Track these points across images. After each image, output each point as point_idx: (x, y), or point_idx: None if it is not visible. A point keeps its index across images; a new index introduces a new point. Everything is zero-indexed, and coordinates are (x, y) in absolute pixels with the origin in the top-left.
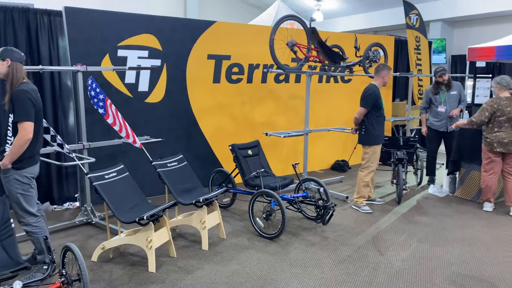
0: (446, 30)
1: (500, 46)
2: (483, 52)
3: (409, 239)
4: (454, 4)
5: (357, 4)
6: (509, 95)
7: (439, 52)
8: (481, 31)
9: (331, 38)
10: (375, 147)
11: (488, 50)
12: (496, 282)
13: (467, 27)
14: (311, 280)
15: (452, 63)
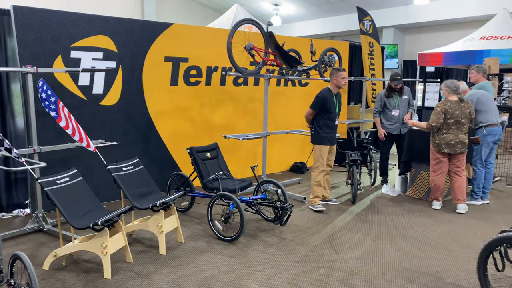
0: (398, 36)
1: (447, 52)
2: (432, 57)
3: (363, 238)
4: (405, 11)
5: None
6: (457, 99)
7: (391, 57)
8: (431, 38)
9: (288, 42)
10: (321, 147)
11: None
12: (443, 276)
13: (418, 33)
14: (269, 281)
15: (404, 68)
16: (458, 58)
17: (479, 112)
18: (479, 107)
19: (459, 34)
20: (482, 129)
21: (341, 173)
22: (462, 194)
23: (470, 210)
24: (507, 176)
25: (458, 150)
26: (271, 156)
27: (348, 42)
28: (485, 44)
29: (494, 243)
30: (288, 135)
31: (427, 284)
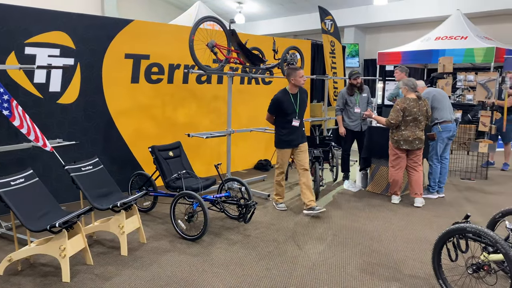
0: (359, 35)
1: (405, 52)
2: (391, 56)
3: (325, 233)
4: (366, 11)
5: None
6: (415, 96)
7: (352, 56)
8: (390, 37)
9: (251, 40)
10: (281, 151)
11: (395, 55)
12: (401, 268)
13: (378, 33)
14: (233, 278)
15: (364, 66)
16: (416, 57)
17: (435, 109)
18: (435, 104)
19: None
20: (437, 126)
21: None
22: (419, 188)
23: (427, 204)
24: (461, 171)
25: (415, 146)
26: (235, 154)
27: (311, 41)
28: (440, 44)
29: (447, 234)
30: (253, 133)
31: (385, 276)
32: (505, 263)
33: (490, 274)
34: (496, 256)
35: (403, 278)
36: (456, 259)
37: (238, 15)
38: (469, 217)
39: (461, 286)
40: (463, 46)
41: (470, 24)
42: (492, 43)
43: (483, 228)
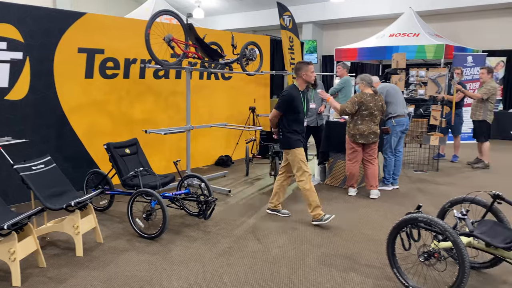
0: (317, 32)
1: (361, 48)
2: (348, 53)
3: (285, 226)
4: (323, 8)
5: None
6: (372, 92)
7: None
8: (347, 34)
9: (209, 35)
10: (297, 150)
11: (351, 51)
12: (357, 259)
13: (335, 29)
14: (192, 275)
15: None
16: (371, 54)
17: (389, 104)
18: (389, 99)
19: (372, 31)
20: (391, 120)
21: (266, 164)
22: (375, 180)
23: (382, 195)
24: (414, 163)
25: (371, 140)
26: (195, 150)
27: (270, 36)
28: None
29: (400, 224)
30: (213, 128)
31: (343, 266)
32: (453, 250)
33: (440, 261)
34: (446, 244)
35: (359, 268)
36: (409, 248)
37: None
38: (421, 207)
39: (414, 274)
40: (415, 43)
41: (422, 22)
42: (442, 40)
43: (434, 218)
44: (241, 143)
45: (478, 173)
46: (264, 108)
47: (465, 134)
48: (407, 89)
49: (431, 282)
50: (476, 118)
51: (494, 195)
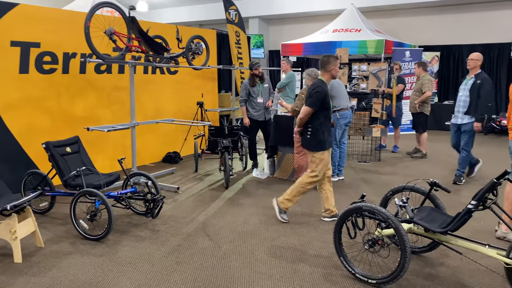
0: (263, 26)
1: (306, 43)
2: (294, 48)
3: (235, 221)
4: (269, 3)
5: None
6: None
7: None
8: (293, 29)
9: (153, 28)
10: (324, 153)
11: (297, 46)
12: (306, 249)
13: (281, 24)
14: (141, 275)
15: (269, 57)
16: (316, 49)
17: (333, 98)
18: (333, 93)
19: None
20: (335, 113)
21: (215, 160)
22: None
23: None
24: (357, 154)
25: None
26: (141, 147)
27: (216, 30)
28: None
29: (346, 214)
30: (160, 125)
31: (293, 258)
32: (395, 237)
33: (384, 248)
34: (388, 231)
35: (308, 258)
36: (355, 237)
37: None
38: (365, 197)
39: (360, 261)
40: (357, 39)
41: (363, 18)
42: (382, 36)
43: (377, 206)
44: (190, 139)
45: (417, 162)
46: (213, 103)
47: (404, 126)
48: (350, 83)
49: (376, 268)
50: (414, 111)
51: (431, 183)
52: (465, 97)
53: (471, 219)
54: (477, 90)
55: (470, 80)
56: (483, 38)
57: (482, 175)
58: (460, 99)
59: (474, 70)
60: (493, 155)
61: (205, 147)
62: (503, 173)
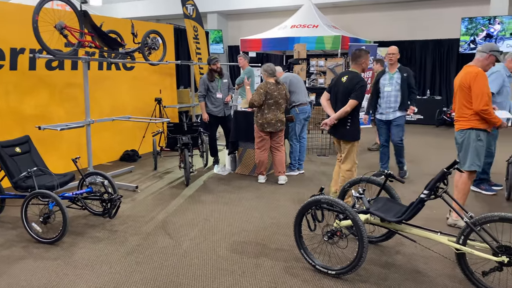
0: (221, 22)
1: (265, 39)
2: (253, 43)
3: (196, 218)
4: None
5: None
6: (274, 81)
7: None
8: (251, 25)
9: (107, 23)
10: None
11: (256, 41)
12: (267, 244)
13: (240, 20)
14: (99, 278)
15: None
16: (275, 44)
17: (292, 93)
18: (292, 88)
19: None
20: (295, 108)
21: (175, 157)
22: (282, 167)
23: (290, 180)
24: (317, 148)
25: (278, 128)
26: (97, 146)
27: (173, 25)
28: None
29: (305, 207)
30: (117, 122)
31: (254, 253)
32: (353, 227)
33: (342, 239)
34: (346, 222)
35: (270, 252)
36: (314, 229)
37: None
38: (323, 190)
39: (320, 253)
40: (315, 34)
41: (320, 14)
42: (338, 32)
43: (334, 198)
44: (148, 136)
45: (373, 155)
46: (171, 99)
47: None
48: (309, 78)
49: (335, 259)
50: None
51: (386, 174)
52: (396, 91)
53: (424, 208)
54: (407, 83)
55: (395, 74)
56: (434, 34)
57: (434, 166)
58: (390, 95)
59: (395, 64)
60: (444, 146)
61: (164, 145)
62: (452, 163)
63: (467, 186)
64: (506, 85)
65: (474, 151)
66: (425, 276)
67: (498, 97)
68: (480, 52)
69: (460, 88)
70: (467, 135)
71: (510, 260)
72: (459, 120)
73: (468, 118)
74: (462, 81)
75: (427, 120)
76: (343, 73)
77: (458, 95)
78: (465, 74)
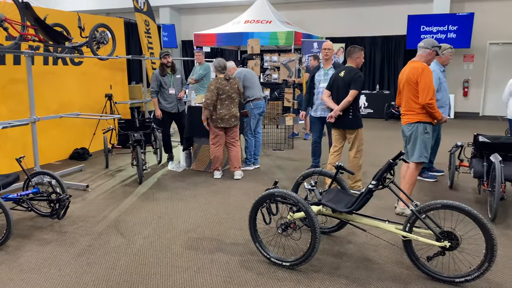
0: (174, 16)
1: (219, 34)
2: (206, 38)
3: (150, 216)
4: None
5: None
6: (224, 76)
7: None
8: (205, 19)
9: (52, 16)
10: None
11: (210, 36)
12: (223, 239)
13: (193, 14)
14: (47, 281)
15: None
16: (229, 39)
17: (246, 88)
18: (246, 83)
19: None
20: (249, 104)
21: (127, 155)
22: (238, 162)
23: (245, 175)
24: (272, 143)
25: (232, 123)
26: (45, 144)
27: (123, 19)
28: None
29: (260, 201)
30: (66, 120)
31: (209, 248)
32: (306, 219)
33: (296, 230)
34: (299, 214)
35: (225, 247)
36: (269, 222)
37: None
38: (278, 183)
39: (275, 245)
40: (268, 30)
41: (273, 10)
42: (291, 28)
43: (288, 191)
44: (99, 133)
45: (326, 148)
46: (123, 95)
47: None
48: (264, 74)
49: (289, 251)
50: None
51: (337, 166)
52: None
53: (374, 198)
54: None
55: (330, 70)
56: (382, 31)
57: (383, 158)
58: None
59: (330, 60)
60: (392, 138)
61: (116, 142)
62: (398, 154)
63: (414, 177)
64: (442, 81)
65: (422, 143)
66: (375, 264)
67: (438, 94)
68: (423, 48)
69: (407, 83)
70: (415, 128)
71: (451, 245)
72: (406, 114)
73: (416, 112)
74: (409, 76)
75: (376, 114)
76: (340, 69)
77: (405, 89)
78: (411, 69)
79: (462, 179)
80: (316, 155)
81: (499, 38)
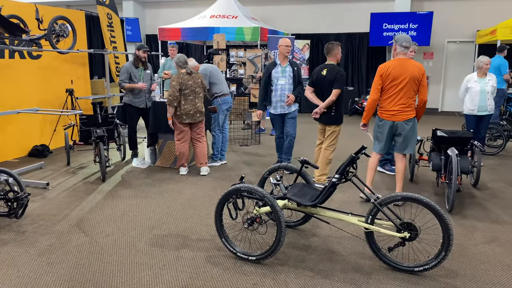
0: (138, 9)
1: (184, 28)
2: (171, 32)
3: (113, 214)
4: None
5: None
6: (185, 71)
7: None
8: (170, 13)
9: (7, 7)
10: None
11: (175, 31)
12: (189, 235)
13: (157, 8)
14: (4, 283)
15: (147, 42)
16: (194, 34)
17: (213, 84)
18: (212, 80)
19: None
20: (217, 99)
21: (89, 151)
22: (204, 158)
23: (212, 171)
24: (239, 138)
25: (197, 119)
26: (2, 141)
27: (84, 12)
28: (215, 22)
29: (226, 196)
30: (23, 115)
31: (175, 245)
32: (272, 213)
33: (262, 225)
34: (265, 209)
35: (191, 243)
36: (236, 217)
37: None
38: (244, 178)
39: (241, 240)
40: (234, 25)
41: (239, 5)
42: (257, 23)
43: (254, 186)
44: (59, 129)
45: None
46: (84, 90)
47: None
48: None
49: (255, 245)
50: None
51: (302, 161)
52: (289, 85)
53: (338, 191)
54: (298, 76)
55: (287, 67)
56: (346, 28)
57: (347, 152)
58: (284, 88)
59: (287, 57)
60: (356, 134)
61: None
62: (360, 148)
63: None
64: None
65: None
66: (338, 255)
67: None
68: (405, 47)
69: (412, 80)
70: (413, 123)
71: (411, 235)
72: (406, 110)
73: (412, 108)
74: (415, 74)
75: None
76: (322, 67)
77: (407, 86)
78: (415, 67)
79: (421, 172)
80: (281, 150)
81: (456, 36)
